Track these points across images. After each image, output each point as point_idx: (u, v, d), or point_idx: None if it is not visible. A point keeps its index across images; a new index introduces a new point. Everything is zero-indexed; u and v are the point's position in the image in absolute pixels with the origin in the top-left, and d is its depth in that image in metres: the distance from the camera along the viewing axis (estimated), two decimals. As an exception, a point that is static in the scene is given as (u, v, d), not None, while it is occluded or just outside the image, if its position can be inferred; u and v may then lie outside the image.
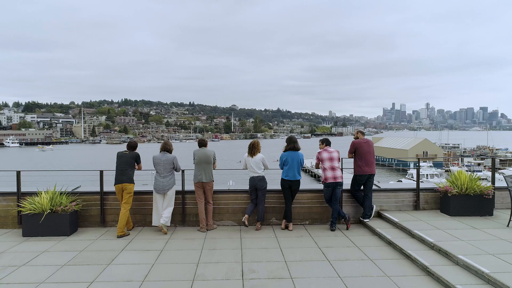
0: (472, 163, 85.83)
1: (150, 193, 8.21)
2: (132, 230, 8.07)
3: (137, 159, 7.98)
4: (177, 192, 8.28)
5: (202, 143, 8.30)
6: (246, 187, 8.38)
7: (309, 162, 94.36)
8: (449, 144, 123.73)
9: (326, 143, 8.30)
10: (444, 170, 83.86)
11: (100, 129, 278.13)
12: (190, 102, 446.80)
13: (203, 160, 8.08)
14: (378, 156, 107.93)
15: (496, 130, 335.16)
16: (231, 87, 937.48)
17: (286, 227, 8.16)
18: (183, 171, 8.36)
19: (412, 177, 57.32)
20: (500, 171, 74.02)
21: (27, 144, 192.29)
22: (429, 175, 57.15)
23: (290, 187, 8.06)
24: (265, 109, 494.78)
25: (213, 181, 8.21)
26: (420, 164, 78.29)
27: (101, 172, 8.38)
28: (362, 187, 8.43)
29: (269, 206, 8.53)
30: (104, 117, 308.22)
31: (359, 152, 8.31)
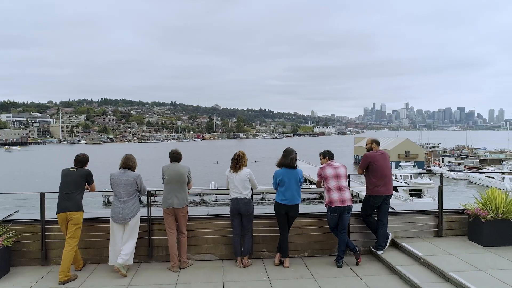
0: (453, 163, 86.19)
1: (108, 220, 6.36)
2: (82, 271, 6.23)
3: (88, 179, 6.16)
4: (142, 219, 6.47)
5: (174, 157, 6.48)
6: (228, 207, 6.66)
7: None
8: (429, 144, 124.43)
9: (329, 156, 6.64)
10: (425, 170, 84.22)
11: (79, 129, 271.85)
12: (171, 102, 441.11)
13: (174, 179, 6.31)
14: (361, 156, 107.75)
15: (473, 129, 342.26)
16: (214, 87, 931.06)
17: (281, 263, 6.47)
18: (149, 192, 6.58)
19: (396, 178, 56.51)
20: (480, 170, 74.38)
21: (1, 144, 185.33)
22: (412, 176, 56.34)
23: (286, 213, 6.37)
24: (248, 109, 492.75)
25: (187, 205, 6.44)
26: (403, 164, 78.05)
27: (42, 194, 6.49)
28: (375, 211, 6.81)
29: (259, 236, 6.81)
30: (83, 117, 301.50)
31: (374, 167, 6.67)
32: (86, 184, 6.20)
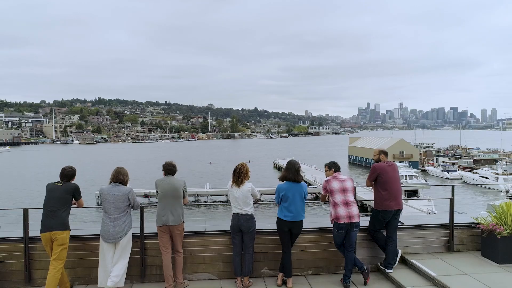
0: (447, 163, 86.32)
1: (98, 237, 5.88)
2: (69, 293, 5.75)
3: (75, 194, 5.68)
4: (134, 236, 6.00)
5: (169, 170, 6.00)
6: (227, 221, 6.22)
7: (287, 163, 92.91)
8: (423, 144, 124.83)
9: (335, 168, 6.20)
10: (420, 170, 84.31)
11: (72, 129, 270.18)
12: (166, 101, 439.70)
13: (169, 194, 5.85)
14: (356, 156, 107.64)
15: (466, 129, 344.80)
16: (208, 87, 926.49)
17: (284, 283, 6.03)
18: (142, 207, 6.12)
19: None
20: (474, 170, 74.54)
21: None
22: (407, 176, 56.10)
23: (290, 230, 5.94)
24: (242, 109, 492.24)
25: (183, 222, 5.98)
26: (397, 164, 77.91)
27: (26, 211, 5.99)
28: (384, 226, 6.40)
29: (260, 253, 6.37)
30: (76, 117, 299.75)
31: (382, 179, 6.24)
32: (73, 200, 5.72)
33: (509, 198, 44.40)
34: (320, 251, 6.49)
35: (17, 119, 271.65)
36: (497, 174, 65.38)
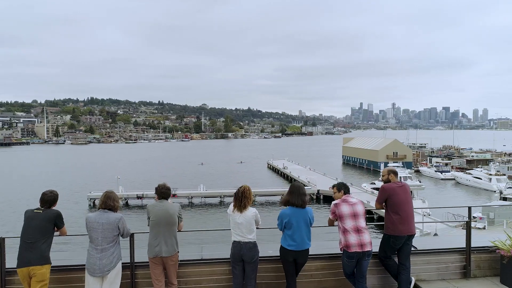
0: (440, 163, 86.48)
1: (83, 268, 5.28)
2: (50, 333, 5.16)
3: (57, 222, 5.10)
4: (123, 267, 5.40)
5: (163, 193, 5.45)
6: (225, 247, 5.67)
7: (281, 163, 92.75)
8: (416, 144, 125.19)
9: (344, 190, 5.66)
10: (413, 171, 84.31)
11: (64, 129, 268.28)
12: (159, 101, 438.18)
13: (163, 222, 5.28)
14: (349, 157, 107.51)
15: (458, 129, 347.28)
16: (202, 86, 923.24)
17: (289, 316, 5.49)
18: (132, 234, 5.54)
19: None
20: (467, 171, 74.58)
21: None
22: (402, 178, 55.81)
23: (295, 259, 5.40)
24: (236, 108, 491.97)
25: (177, 251, 5.42)
26: (390, 164, 77.85)
27: (2, 240, 5.37)
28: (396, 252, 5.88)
29: (262, 282, 5.82)
30: (68, 117, 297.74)
31: (393, 201, 5.72)
32: (55, 228, 5.14)
33: (503, 199, 44.42)
34: (328, 280, 5.95)
35: (8, 119, 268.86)
36: (490, 174, 65.46)
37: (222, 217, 45.08)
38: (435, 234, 30.64)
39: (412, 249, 6.12)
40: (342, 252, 5.52)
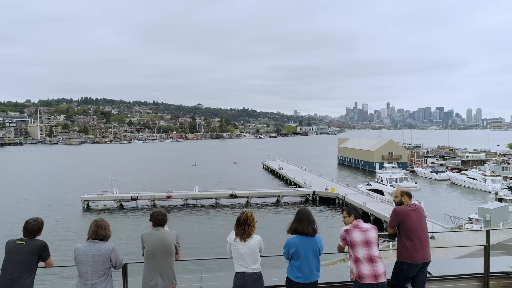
0: (436, 164, 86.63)
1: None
2: None
3: (42, 254, 4.67)
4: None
5: (158, 220, 4.98)
6: (227, 275, 5.30)
7: (277, 164, 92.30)
8: (411, 144, 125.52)
9: (355, 215, 5.27)
10: (408, 171, 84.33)
11: (58, 129, 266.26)
12: (154, 101, 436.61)
13: (159, 252, 4.83)
14: (345, 157, 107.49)
15: (452, 129, 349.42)
16: (197, 86, 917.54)
17: None
18: (125, 264, 5.18)
19: (382, 181, 55.86)
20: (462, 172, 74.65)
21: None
22: (398, 179, 55.71)
23: None
24: (231, 108, 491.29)
25: (175, 284, 4.99)
26: (386, 165, 77.83)
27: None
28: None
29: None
30: (62, 117, 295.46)
31: (406, 227, 5.40)
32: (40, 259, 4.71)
33: (499, 201, 44.33)
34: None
35: (1, 119, 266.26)
36: (485, 175, 65.65)
37: (217, 218, 44.67)
38: (432, 237, 30.41)
39: (427, 275, 5.81)
40: (353, 282, 5.16)
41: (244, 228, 4.95)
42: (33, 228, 4.65)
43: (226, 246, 5.13)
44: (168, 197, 53.49)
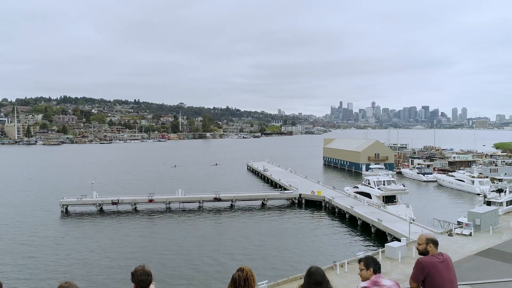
0: (422, 165, 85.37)
1: None
2: None
3: None
4: None
5: (142, 282, 4.08)
6: None
7: (261, 165, 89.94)
8: (397, 145, 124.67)
9: (374, 268, 4.49)
10: (395, 172, 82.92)
11: (36, 128, 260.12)
12: (135, 100, 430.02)
13: None
14: (330, 158, 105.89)
15: (438, 128, 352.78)
16: (179, 85, 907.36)
17: None
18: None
19: (369, 183, 53.88)
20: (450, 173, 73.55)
21: None
22: (386, 182, 53.62)
23: None
24: (214, 107, 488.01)
25: None
26: (373, 166, 76.24)
27: None
28: None
29: None
30: (40, 116, 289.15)
31: (434, 282, 4.73)
32: None
33: (487, 204, 42.82)
34: None
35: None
36: (473, 177, 64.57)
37: (202, 223, 41.90)
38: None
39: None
40: None
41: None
42: None
43: None
44: (150, 200, 51.35)
